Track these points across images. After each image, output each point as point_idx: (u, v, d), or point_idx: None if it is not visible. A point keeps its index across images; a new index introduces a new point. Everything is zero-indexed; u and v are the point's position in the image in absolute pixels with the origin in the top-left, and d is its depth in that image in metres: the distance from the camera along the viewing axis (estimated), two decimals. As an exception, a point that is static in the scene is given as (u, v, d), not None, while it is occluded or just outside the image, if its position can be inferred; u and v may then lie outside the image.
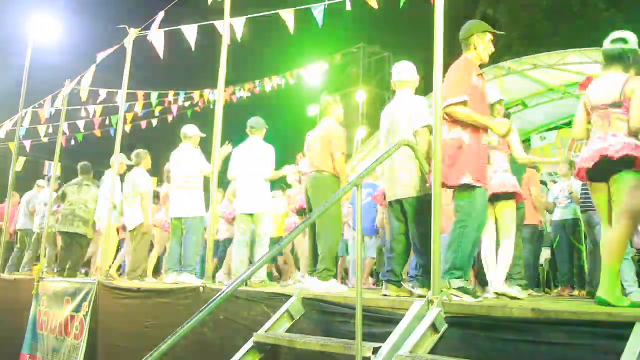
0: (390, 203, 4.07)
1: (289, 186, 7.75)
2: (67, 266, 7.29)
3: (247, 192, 5.48)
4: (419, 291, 3.72)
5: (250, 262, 5.43)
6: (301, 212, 6.32)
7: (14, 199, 9.54)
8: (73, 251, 7.46)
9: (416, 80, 4.21)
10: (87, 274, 9.10)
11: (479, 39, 3.54)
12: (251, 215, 5.47)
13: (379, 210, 6.58)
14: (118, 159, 6.72)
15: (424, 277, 3.75)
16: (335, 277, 4.62)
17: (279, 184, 7.94)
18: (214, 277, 7.79)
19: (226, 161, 5.82)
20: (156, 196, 7.92)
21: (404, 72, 4.16)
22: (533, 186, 6.18)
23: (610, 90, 3.13)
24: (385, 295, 3.75)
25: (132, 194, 6.52)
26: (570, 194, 6.19)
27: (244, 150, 5.61)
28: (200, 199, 6.04)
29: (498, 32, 3.61)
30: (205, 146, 6.15)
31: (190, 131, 6.20)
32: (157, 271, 7.87)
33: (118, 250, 7.86)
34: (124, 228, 7.08)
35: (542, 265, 7.97)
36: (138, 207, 6.47)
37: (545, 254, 7.75)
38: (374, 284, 7.49)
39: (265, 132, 5.72)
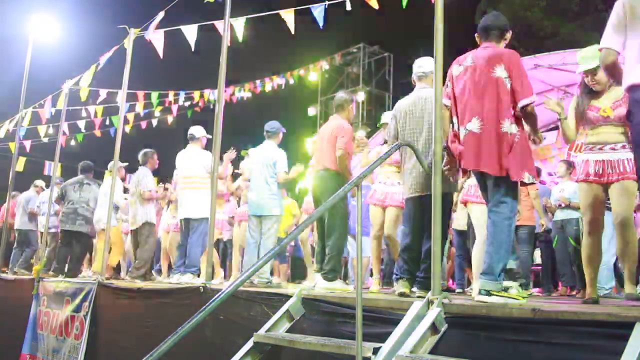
0: (407, 200, 4.03)
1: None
2: (67, 265, 7.30)
3: (259, 195, 5.51)
4: (420, 292, 3.73)
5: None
6: None
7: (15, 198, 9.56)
8: (73, 250, 7.47)
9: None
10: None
11: (509, 35, 3.37)
12: (260, 217, 5.50)
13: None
14: (117, 162, 6.74)
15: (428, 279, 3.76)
16: (341, 277, 4.64)
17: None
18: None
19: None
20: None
21: (427, 64, 4.09)
22: (531, 189, 6.18)
23: None
24: (401, 294, 3.72)
25: (136, 193, 6.53)
26: (569, 203, 6.14)
27: (258, 154, 5.66)
28: (207, 199, 6.04)
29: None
30: (206, 147, 6.17)
31: (198, 132, 6.21)
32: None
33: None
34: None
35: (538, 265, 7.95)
36: (139, 207, 6.47)
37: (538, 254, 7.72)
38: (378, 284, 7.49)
39: (282, 135, 5.75)
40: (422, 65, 4.12)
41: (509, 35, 3.36)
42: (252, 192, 5.64)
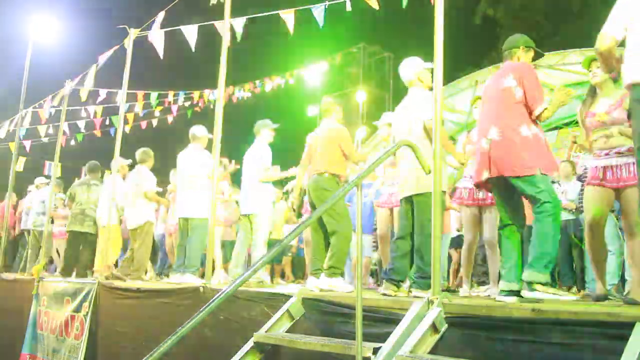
0: (400, 201, 4.12)
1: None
2: (76, 265, 7.33)
3: (245, 194, 5.57)
4: (416, 292, 3.73)
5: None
6: None
7: (12, 199, 9.56)
8: (81, 251, 7.47)
9: (418, 74, 4.20)
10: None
11: (523, 52, 3.56)
12: (248, 216, 5.50)
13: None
14: (118, 162, 6.72)
15: (421, 279, 3.78)
16: (342, 275, 4.63)
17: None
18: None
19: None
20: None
21: (405, 73, 4.23)
22: None
23: None
24: (384, 295, 3.75)
25: (135, 192, 6.52)
26: (576, 207, 6.14)
27: (247, 154, 5.74)
28: (207, 200, 6.03)
29: (540, 52, 3.67)
30: (206, 147, 6.18)
31: (199, 132, 6.21)
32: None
33: (125, 249, 7.85)
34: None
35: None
36: (140, 206, 6.46)
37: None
38: (375, 283, 7.48)
39: (270, 132, 5.77)
40: (404, 75, 4.25)
41: (518, 51, 3.54)
42: (241, 191, 5.73)
